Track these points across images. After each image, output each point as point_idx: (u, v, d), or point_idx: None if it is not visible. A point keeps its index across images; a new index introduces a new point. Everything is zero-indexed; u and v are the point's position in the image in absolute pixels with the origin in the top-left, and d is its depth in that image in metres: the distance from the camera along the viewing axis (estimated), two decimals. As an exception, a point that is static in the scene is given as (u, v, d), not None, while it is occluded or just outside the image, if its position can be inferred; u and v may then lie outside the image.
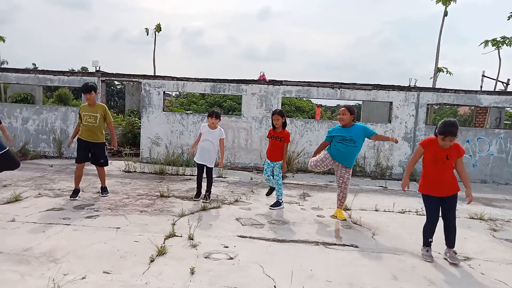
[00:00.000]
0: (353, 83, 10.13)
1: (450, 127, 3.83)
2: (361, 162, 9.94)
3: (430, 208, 4.11)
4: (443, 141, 3.89)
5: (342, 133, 5.28)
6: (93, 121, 5.83)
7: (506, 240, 4.93)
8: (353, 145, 5.22)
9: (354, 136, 5.20)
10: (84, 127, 5.86)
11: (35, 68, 26.07)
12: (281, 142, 5.74)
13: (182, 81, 10.39)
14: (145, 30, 20.01)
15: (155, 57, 19.66)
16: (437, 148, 3.98)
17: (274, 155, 5.82)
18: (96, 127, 5.85)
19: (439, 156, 3.96)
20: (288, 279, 3.37)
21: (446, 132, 3.83)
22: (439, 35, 16.11)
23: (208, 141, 6.01)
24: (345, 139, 5.24)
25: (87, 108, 5.89)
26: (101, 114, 5.89)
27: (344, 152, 5.28)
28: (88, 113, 5.83)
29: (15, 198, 5.56)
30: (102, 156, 6.04)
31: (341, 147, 5.27)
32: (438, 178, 4.02)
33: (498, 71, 16.27)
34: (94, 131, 5.86)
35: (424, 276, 3.64)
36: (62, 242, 3.99)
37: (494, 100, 10.04)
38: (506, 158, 9.94)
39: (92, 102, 5.88)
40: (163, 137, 10.39)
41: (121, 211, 5.29)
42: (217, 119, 6.05)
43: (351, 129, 5.27)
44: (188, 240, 4.20)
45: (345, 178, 5.39)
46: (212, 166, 6.15)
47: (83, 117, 5.84)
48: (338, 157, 5.36)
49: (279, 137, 5.73)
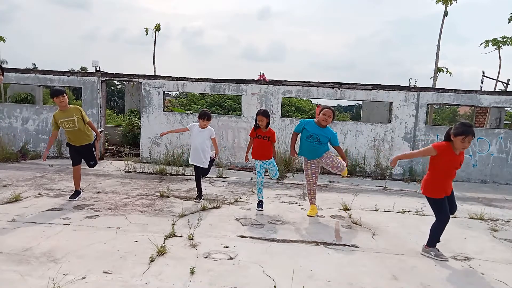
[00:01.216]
0: (353, 83, 10.13)
1: (470, 127, 3.85)
2: (361, 162, 9.94)
3: (444, 209, 4.15)
4: (463, 143, 3.87)
5: (315, 131, 5.36)
6: (72, 125, 5.63)
7: (506, 240, 4.93)
8: (318, 143, 5.36)
9: (321, 137, 5.35)
10: (67, 133, 5.74)
11: (35, 68, 26.07)
12: (269, 141, 5.72)
13: (182, 81, 10.39)
14: (145, 30, 20.01)
15: (155, 57, 19.67)
16: (453, 155, 4.00)
17: (264, 154, 5.77)
18: (77, 130, 5.67)
19: (454, 164, 4.05)
20: (288, 279, 3.37)
21: (468, 132, 3.82)
22: (439, 35, 16.11)
23: (198, 141, 5.99)
24: (312, 136, 5.35)
25: (61, 115, 5.63)
26: (78, 116, 5.67)
27: (312, 149, 5.38)
28: (65, 119, 5.61)
29: (15, 198, 5.56)
30: (92, 157, 5.99)
31: (309, 145, 5.37)
32: (449, 180, 4.18)
33: (498, 71, 16.27)
34: (78, 134, 5.71)
35: (424, 276, 3.64)
36: (62, 242, 3.99)
37: (494, 100, 10.04)
38: (506, 158, 9.93)
39: (65, 106, 5.62)
40: (163, 137, 10.38)
41: (121, 211, 5.29)
42: (209, 121, 6.05)
43: (325, 130, 5.41)
44: (188, 240, 4.20)
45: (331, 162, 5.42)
46: (206, 166, 6.11)
47: (62, 124, 5.62)
48: (310, 154, 5.44)
49: (267, 136, 5.71)
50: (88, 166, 6.10)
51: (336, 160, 5.46)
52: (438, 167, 4.09)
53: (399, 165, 10.02)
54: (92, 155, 5.99)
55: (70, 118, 5.63)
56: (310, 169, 5.53)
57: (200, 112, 6.07)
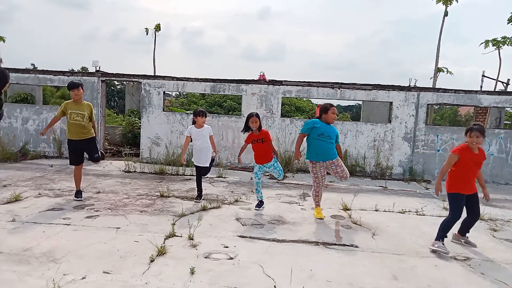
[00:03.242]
0: (353, 83, 10.13)
1: (474, 125, 4.36)
2: (361, 162, 9.94)
3: (458, 207, 4.39)
4: (471, 138, 4.31)
5: (326, 129, 5.38)
6: (80, 119, 5.75)
7: (506, 240, 4.94)
8: (330, 140, 5.39)
9: (332, 134, 5.41)
10: (70, 125, 5.79)
11: (35, 68, 26.07)
12: (264, 143, 5.71)
13: (182, 81, 10.39)
14: (145, 30, 20.00)
15: (155, 57, 19.65)
16: (472, 154, 4.35)
17: (264, 157, 5.77)
18: (82, 125, 5.78)
19: (474, 162, 4.36)
20: (288, 279, 3.37)
21: (471, 128, 4.32)
22: (439, 35, 16.09)
23: (200, 141, 6.01)
24: (323, 134, 5.36)
25: (73, 106, 5.77)
26: (88, 113, 5.82)
27: (324, 149, 5.37)
28: (76, 111, 5.74)
29: (15, 198, 5.56)
30: (96, 150, 5.98)
31: (321, 145, 5.36)
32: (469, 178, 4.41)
33: (498, 71, 16.24)
34: (80, 128, 5.78)
35: (424, 276, 3.64)
36: (62, 242, 3.99)
37: (494, 100, 10.04)
38: (506, 158, 9.93)
39: (79, 99, 5.81)
40: (163, 137, 10.39)
41: (121, 211, 5.29)
42: (206, 118, 6.13)
43: (332, 127, 5.49)
44: (188, 240, 4.20)
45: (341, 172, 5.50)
46: (207, 165, 6.13)
47: (71, 114, 5.73)
48: (322, 155, 5.39)
49: (261, 139, 5.71)
50: (93, 161, 6.06)
51: (346, 170, 5.57)
52: (459, 165, 4.37)
53: (399, 165, 10.03)
54: (95, 148, 5.98)
55: (81, 112, 5.77)
56: (320, 171, 5.46)
57: (195, 111, 6.15)
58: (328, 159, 5.41)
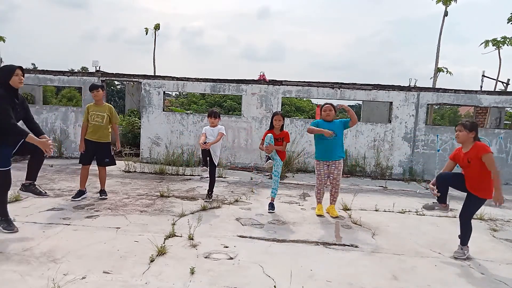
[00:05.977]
0: (353, 83, 10.14)
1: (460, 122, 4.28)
2: (361, 162, 9.94)
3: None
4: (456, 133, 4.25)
5: (327, 127, 5.48)
6: (100, 120, 5.83)
7: (506, 240, 4.94)
8: (335, 137, 5.49)
9: (336, 130, 5.48)
10: (90, 126, 5.85)
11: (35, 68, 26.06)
12: (282, 141, 5.74)
13: (182, 81, 10.40)
14: (145, 30, 20.03)
15: (155, 57, 19.72)
16: (460, 154, 4.20)
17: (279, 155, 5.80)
18: (102, 126, 5.85)
19: (461, 163, 4.19)
20: (288, 279, 3.37)
21: (456, 125, 4.29)
22: (439, 35, 16.13)
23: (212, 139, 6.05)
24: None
25: (94, 108, 5.89)
26: (108, 114, 5.90)
27: (328, 147, 5.50)
28: (96, 112, 5.84)
29: (15, 198, 5.56)
30: (108, 155, 5.99)
31: (325, 143, 5.50)
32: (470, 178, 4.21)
33: (498, 71, 16.28)
34: (101, 130, 5.85)
35: (424, 276, 3.64)
36: (62, 242, 3.99)
37: (494, 100, 10.04)
38: (506, 158, 9.93)
39: (99, 100, 5.90)
40: (163, 137, 10.39)
41: (121, 211, 5.29)
42: (216, 119, 6.10)
43: (333, 123, 5.59)
44: (188, 240, 4.20)
45: (335, 174, 5.60)
46: (216, 163, 6.15)
47: (91, 116, 5.84)
48: (325, 154, 5.55)
49: (281, 138, 5.73)
50: (101, 165, 6.04)
51: (340, 178, 5.66)
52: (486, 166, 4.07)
53: (399, 165, 10.03)
54: (108, 153, 5.98)
55: (101, 113, 5.87)
56: (323, 169, 5.63)
57: (209, 111, 6.30)
58: (332, 159, 5.56)
